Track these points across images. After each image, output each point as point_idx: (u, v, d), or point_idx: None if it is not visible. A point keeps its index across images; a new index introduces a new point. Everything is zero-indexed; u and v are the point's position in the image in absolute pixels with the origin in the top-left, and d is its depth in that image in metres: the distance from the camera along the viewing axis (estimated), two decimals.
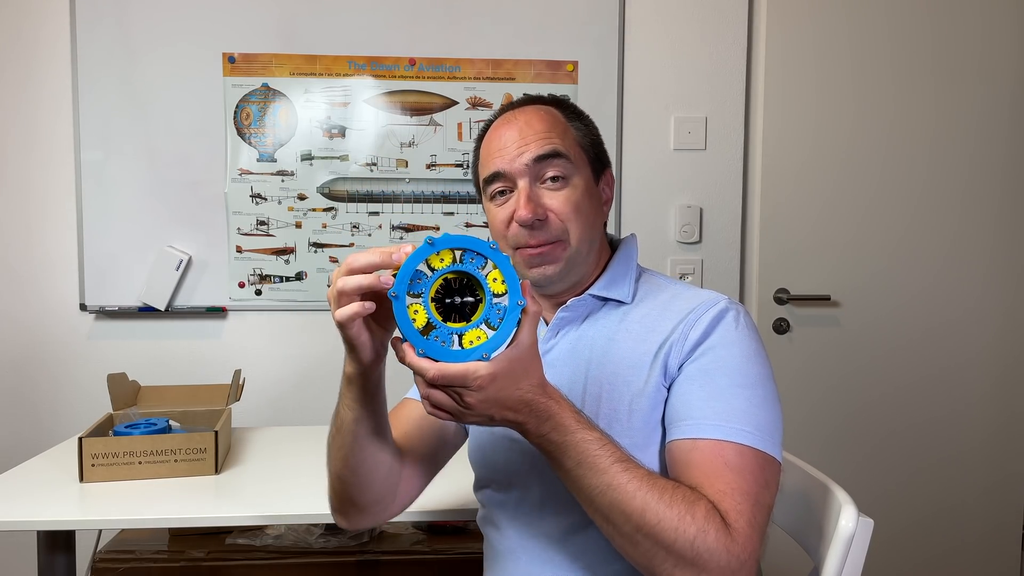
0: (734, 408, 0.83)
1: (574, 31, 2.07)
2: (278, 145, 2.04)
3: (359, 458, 0.91)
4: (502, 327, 0.72)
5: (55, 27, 1.99)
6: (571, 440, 0.76)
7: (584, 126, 1.00)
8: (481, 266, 0.73)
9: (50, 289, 2.04)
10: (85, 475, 1.32)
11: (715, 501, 0.77)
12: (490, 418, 0.74)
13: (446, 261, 0.73)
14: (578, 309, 0.97)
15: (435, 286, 0.73)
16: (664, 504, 0.75)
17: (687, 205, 2.13)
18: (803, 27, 2.11)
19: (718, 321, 0.89)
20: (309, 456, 1.51)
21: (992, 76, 2.14)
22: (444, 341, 0.72)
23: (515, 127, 0.95)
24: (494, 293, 0.73)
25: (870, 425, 2.18)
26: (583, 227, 0.94)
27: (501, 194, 0.95)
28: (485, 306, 0.73)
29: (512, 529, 0.96)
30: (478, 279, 0.73)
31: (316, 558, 1.42)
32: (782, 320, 2.15)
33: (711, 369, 0.86)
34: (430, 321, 0.72)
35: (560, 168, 0.94)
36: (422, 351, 0.71)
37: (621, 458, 0.77)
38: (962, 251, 2.17)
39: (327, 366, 2.09)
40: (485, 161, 0.98)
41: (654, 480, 0.77)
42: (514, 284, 0.73)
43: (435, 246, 0.72)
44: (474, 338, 0.72)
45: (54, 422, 2.04)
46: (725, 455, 0.81)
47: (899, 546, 2.18)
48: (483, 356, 0.71)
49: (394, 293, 0.72)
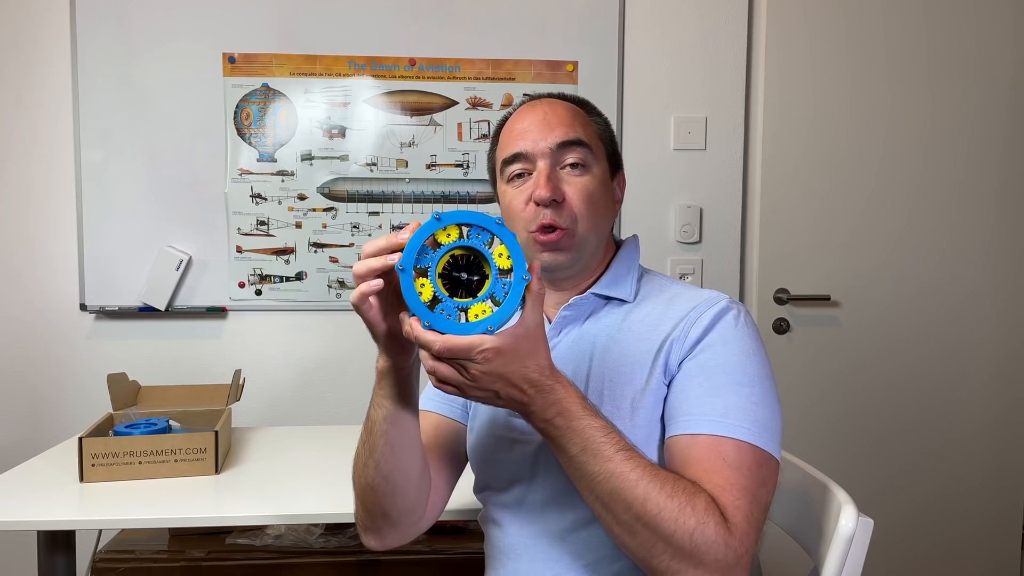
0: (733, 405, 0.84)
1: (574, 31, 2.07)
2: (278, 145, 2.04)
3: (392, 463, 0.89)
4: (507, 301, 0.73)
5: (55, 27, 1.99)
6: (577, 426, 0.76)
7: (604, 123, 1.02)
8: (487, 242, 0.74)
9: (50, 289, 2.04)
10: (85, 475, 1.32)
11: (714, 496, 0.77)
12: (495, 394, 0.74)
13: (452, 236, 0.74)
14: (580, 308, 0.97)
15: (442, 261, 0.74)
16: (665, 495, 0.75)
17: (687, 205, 2.13)
18: (802, 27, 2.11)
19: (718, 319, 0.89)
20: (309, 456, 1.52)
21: (990, 76, 2.14)
22: (450, 315, 0.73)
23: (539, 112, 0.97)
24: (500, 269, 0.74)
25: (870, 424, 2.18)
26: (593, 218, 0.95)
27: (519, 177, 0.96)
28: (491, 281, 0.74)
29: (514, 527, 0.96)
30: (484, 255, 0.74)
31: (316, 558, 1.42)
32: (782, 320, 2.15)
33: (710, 366, 0.87)
34: (436, 295, 0.73)
35: (581, 156, 0.95)
36: (428, 323, 0.72)
37: (624, 447, 0.77)
38: (961, 251, 2.17)
39: (327, 366, 2.09)
40: (505, 143, 0.98)
41: (656, 471, 0.77)
42: (519, 259, 0.73)
43: (442, 221, 0.73)
44: (479, 312, 0.73)
45: (54, 422, 2.04)
46: (723, 451, 0.81)
47: (899, 545, 2.18)
48: (488, 329, 0.72)
49: (401, 267, 0.73)
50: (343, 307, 2.08)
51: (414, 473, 0.93)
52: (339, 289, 2.07)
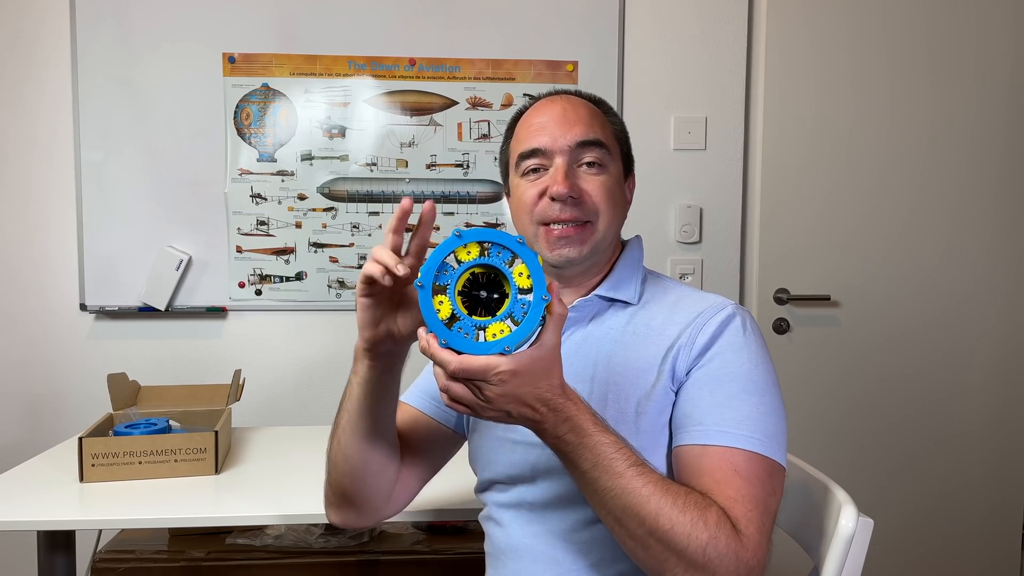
0: (743, 415, 0.84)
1: (574, 31, 2.07)
2: (278, 145, 2.04)
3: (353, 444, 0.93)
4: (526, 321, 0.72)
5: (55, 27, 1.99)
6: (588, 442, 0.76)
7: (620, 124, 1.02)
8: (507, 260, 0.74)
9: (50, 289, 2.04)
10: (85, 475, 1.32)
11: (725, 507, 0.78)
12: (507, 414, 0.74)
13: (473, 254, 0.74)
14: (584, 310, 0.97)
15: (462, 279, 0.74)
16: (677, 509, 0.75)
17: (687, 205, 2.13)
18: (803, 27, 2.11)
19: (725, 326, 0.90)
20: (309, 456, 1.51)
21: (990, 76, 2.14)
22: (467, 333, 0.72)
23: (558, 107, 0.97)
24: (520, 288, 0.73)
25: (870, 424, 2.18)
26: (612, 216, 0.96)
27: (534, 171, 0.96)
28: (510, 300, 0.73)
29: (515, 527, 0.96)
30: (504, 273, 0.73)
31: (316, 558, 1.42)
32: (782, 320, 2.15)
33: (720, 375, 0.87)
34: (455, 313, 0.73)
35: (599, 155, 0.95)
36: (444, 342, 0.72)
37: (636, 462, 0.77)
38: (961, 250, 2.17)
39: (327, 366, 2.09)
40: (522, 137, 0.98)
41: (667, 485, 0.77)
42: (540, 279, 0.73)
43: (463, 239, 0.73)
44: (497, 331, 0.72)
45: (54, 422, 2.04)
46: (735, 462, 0.81)
47: (899, 544, 2.18)
48: (505, 349, 0.71)
49: (420, 283, 0.72)
50: (343, 307, 2.08)
51: (375, 460, 0.95)
52: (339, 289, 2.07)
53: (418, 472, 1.04)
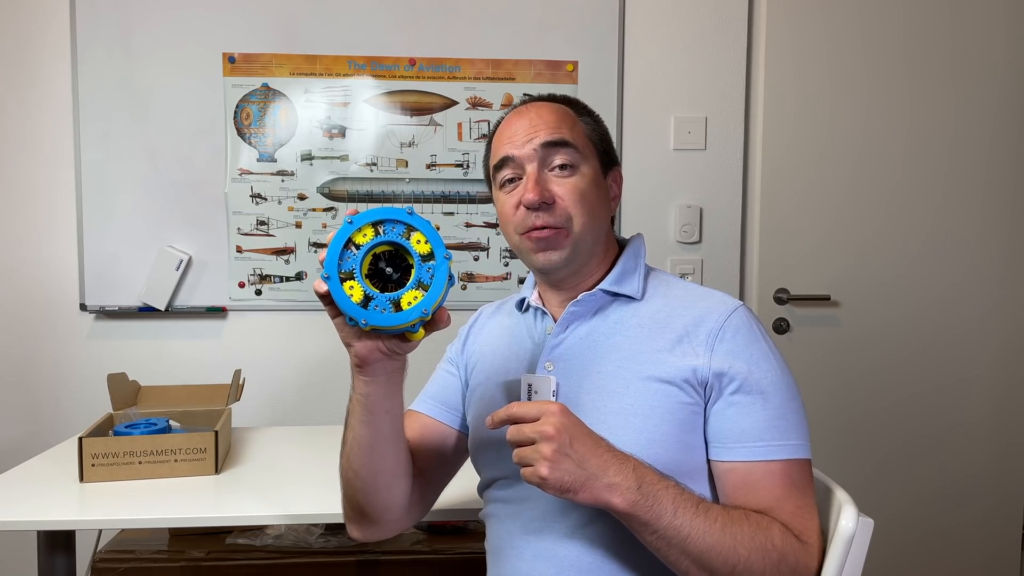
0: (792, 424, 0.88)
1: (574, 31, 2.07)
2: (278, 145, 2.04)
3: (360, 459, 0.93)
4: (435, 282, 0.76)
5: (55, 27, 1.99)
6: (660, 524, 0.79)
7: (593, 122, 1.03)
8: (403, 233, 0.77)
9: (50, 289, 2.04)
10: (85, 475, 1.32)
11: (786, 522, 0.84)
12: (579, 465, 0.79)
13: (368, 236, 0.77)
14: (588, 304, 0.98)
15: (366, 261, 0.77)
16: (747, 538, 0.81)
17: (687, 205, 2.13)
18: (803, 27, 2.11)
19: (742, 331, 0.91)
20: (309, 456, 1.52)
21: (991, 77, 2.14)
22: (384, 309, 0.75)
23: (526, 117, 0.98)
24: (421, 255, 0.76)
25: (870, 424, 2.18)
26: (588, 216, 0.96)
27: (510, 182, 0.97)
28: (416, 269, 0.76)
29: (517, 525, 0.96)
30: (404, 246, 0.77)
31: (316, 558, 1.42)
32: (782, 320, 2.15)
33: (765, 388, 0.89)
34: (368, 294, 0.76)
35: (568, 156, 0.96)
36: (365, 321, 0.75)
37: (699, 501, 0.82)
38: (961, 250, 2.17)
39: (327, 366, 2.09)
40: (495, 150, 1.00)
41: (729, 516, 0.82)
42: (437, 241, 0.76)
43: (354, 224, 0.76)
44: (411, 299, 0.76)
45: (54, 422, 2.04)
46: (792, 475, 0.87)
47: (900, 537, 2.18)
48: (423, 312, 0.75)
49: (326, 275, 0.75)
50: None
51: (386, 473, 0.95)
52: None
53: (435, 478, 1.05)
